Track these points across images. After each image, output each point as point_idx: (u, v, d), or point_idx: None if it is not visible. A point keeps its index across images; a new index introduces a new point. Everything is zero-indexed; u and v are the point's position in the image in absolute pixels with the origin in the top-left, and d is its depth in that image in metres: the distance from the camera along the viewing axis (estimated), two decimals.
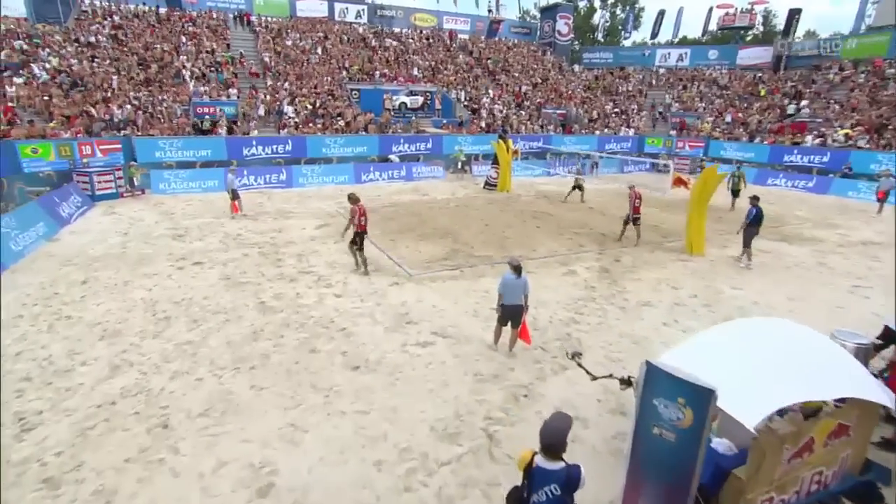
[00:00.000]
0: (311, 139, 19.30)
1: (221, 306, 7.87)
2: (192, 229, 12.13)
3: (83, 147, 15.07)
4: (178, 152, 17.27)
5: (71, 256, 9.84)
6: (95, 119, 16.95)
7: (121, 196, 14.85)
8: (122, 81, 19.29)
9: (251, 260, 10.06)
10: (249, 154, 18.35)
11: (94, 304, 7.82)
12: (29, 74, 17.85)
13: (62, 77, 18.44)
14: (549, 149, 23.98)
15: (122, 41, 21.96)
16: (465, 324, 7.53)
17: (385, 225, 13.06)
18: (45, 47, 19.54)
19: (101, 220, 12.85)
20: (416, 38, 30.70)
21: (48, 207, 11.59)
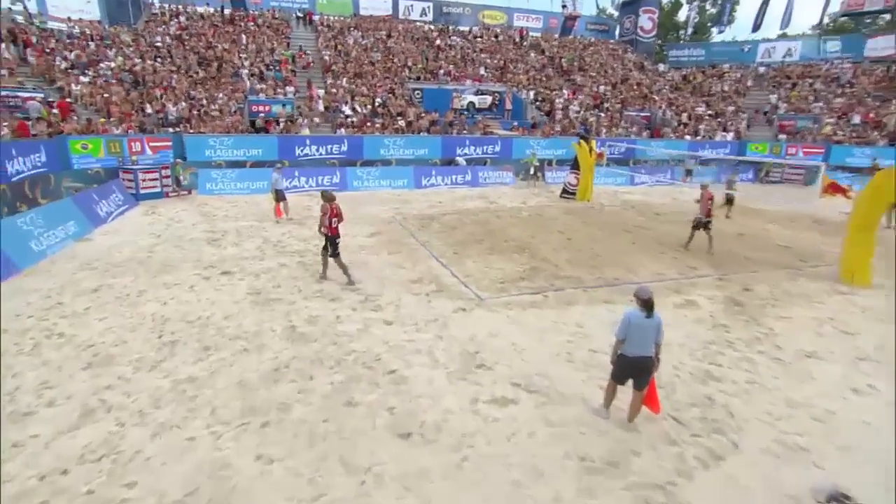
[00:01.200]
0: (368, 139, 18.20)
1: (242, 330, 6.40)
2: (230, 233, 11.06)
3: (133, 144, 14.72)
4: (228, 151, 16.69)
5: (92, 259, 8.94)
6: (150, 116, 16.89)
7: (165, 196, 14.38)
8: (180, 80, 19.42)
9: (288, 271, 8.69)
10: (302, 154, 17.52)
11: (96, 318, 6.61)
12: (94, 74, 18.24)
13: (124, 75, 18.84)
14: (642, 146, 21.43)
15: (185, 41, 22.38)
16: (557, 372, 5.59)
17: (448, 235, 11.38)
18: (112, 48, 20.17)
19: (138, 220, 12.15)
20: (485, 35, 29.29)
21: (84, 205, 11.06)
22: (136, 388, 5.05)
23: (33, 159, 12.08)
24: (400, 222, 12.63)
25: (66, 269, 8.46)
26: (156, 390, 5.02)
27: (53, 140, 13.23)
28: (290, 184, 15.58)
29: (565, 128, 21.64)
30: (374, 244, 10.61)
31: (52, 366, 5.43)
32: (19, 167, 11.54)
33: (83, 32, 20.33)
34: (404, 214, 13.52)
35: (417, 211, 14.09)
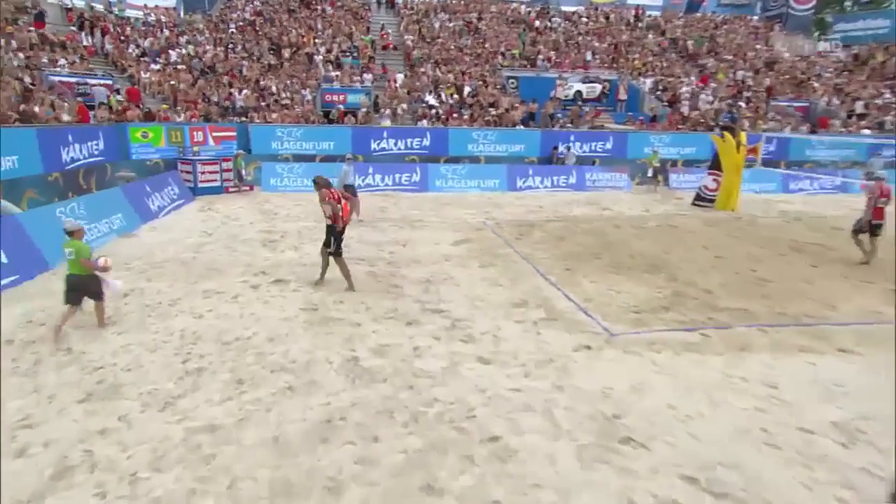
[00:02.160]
0: (454, 132, 17.29)
1: (289, 359, 5.28)
2: (290, 235, 10.34)
3: (195, 133, 14.88)
4: (296, 143, 16.47)
5: (130, 258, 8.48)
6: (215, 105, 17.19)
7: (225, 191, 14.27)
8: (251, 68, 19.89)
9: (355, 283, 7.57)
10: (378, 148, 16.98)
11: (114, 331, 5.81)
12: (164, 61, 19.03)
13: (194, 63, 19.55)
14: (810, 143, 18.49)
15: (257, 27, 23.08)
16: (753, 464, 3.95)
17: (554, 246, 9.85)
18: (184, 35, 21.19)
19: (191, 216, 11.86)
20: (592, 16, 27.54)
21: (134, 197, 10.92)
22: (137, 436, 3.99)
23: (90, 147, 12.22)
24: (493, 229, 11.29)
25: None
26: (162, 442, 3.92)
27: (113, 127, 13.53)
28: (362, 181, 14.95)
29: (695, 121, 19.26)
30: (462, 254, 9.32)
31: (43, 393, 4.55)
32: (75, 154, 11.68)
33: (158, 20, 21.58)
34: (497, 220, 12.26)
35: (513, 216, 12.74)
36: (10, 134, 10.02)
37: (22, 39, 15.76)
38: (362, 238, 10.29)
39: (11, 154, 9.84)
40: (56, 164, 11.04)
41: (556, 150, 17.49)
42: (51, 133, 11.14)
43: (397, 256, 9.07)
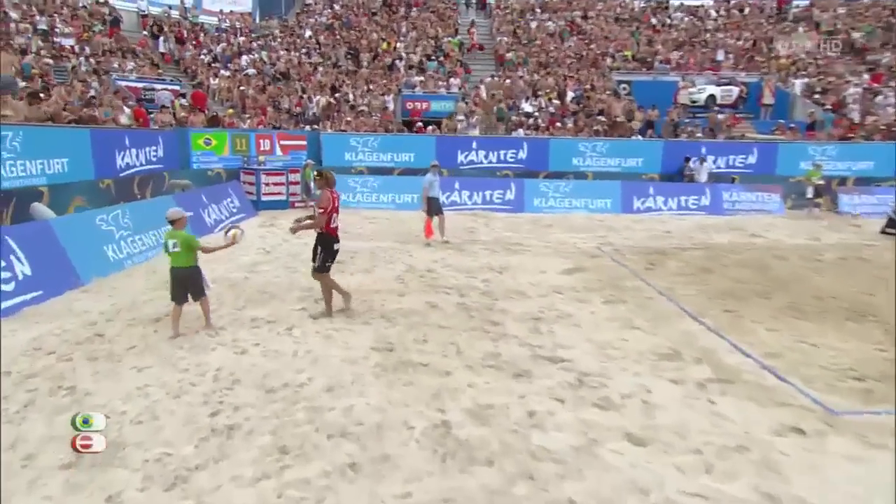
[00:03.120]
0: (557, 143, 16.28)
1: (355, 418, 4.22)
2: (361, 256, 9.57)
3: (261, 141, 14.82)
4: (372, 154, 16.13)
5: None
6: (286, 112, 17.39)
7: (291, 206, 13.94)
8: (326, 73, 20.18)
9: (442, 316, 6.57)
10: (466, 161, 16.27)
11: (134, 366, 4.99)
12: (235, 68, 19.67)
13: (266, 69, 20.14)
14: None
15: (335, 31, 23.61)
16: None
17: (699, 280, 8.35)
18: (258, 41, 22.09)
19: (250, 232, 11.06)
20: (722, 9, 25.68)
21: (188, 207, 10.35)
22: None
23: (148, 153, 12.20)
24: (612, 256, 9.84)
25: (134, 288, 7.39)
26: None
27: (174, 132, 13.55)
28: (446, 198, 14.08)
29: (872, 129, 16.80)
30: (577, 286, 8.00)
31: (20, 451, 3.69)
32: (130, 160, 11.62)
33: (232, 25, 22.66)
34: (615, 245, 10.81)
35: (634, 242, 11.27)
36: (62, 135, 9.98)
37: (94, 45, 16.53)
38: (448, 262, 9.29)
39: (61, 156, 9.74)
40: (109, 169, 10.95)
41: (688, 162, 15.75)
42: (106, 135, 11.11)
43: (494, 286, 7.94)
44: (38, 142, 9.22)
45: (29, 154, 9.00)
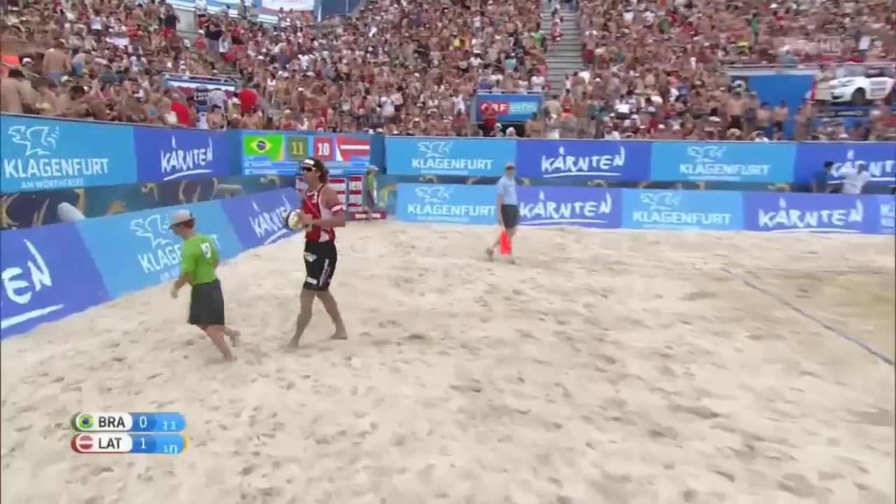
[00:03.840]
0: (661, 148, 15.22)
1: (436, 488, 3.40)
2: (433, 273, 8.91)
3: (320, 144, 14.70)
4: (443, 161, 15.68)
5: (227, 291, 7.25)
6: (348, 114, 17.37)
7: (351, 217, 13.26)
8: (393, 73, 20.12)
9: (538, 349, 5.68)
10: (551, 168, 15.52)
11: (153, 400, 4.36)
12: (294, 68, 19.92)
13: (327, 69, 20.23)
14: None
15: (403, 29, 23.64)
16: None
17: (878, 313, 7.06)
18: (319, 39, 22.44)
19: None
20: None
21: (237, 215, 10.37)
22: None
23: (196, 156, 12.09)
24: (745, 280, 8.61)
25: (168, 304, 6.78)
26: None
27: (225, 134, 13.53)
28: (528, 211, 13.58)
29: None
30: (707, 314, 6.91)
31: None
32: (177, 163, 11.49)
33: (292, 24, 23.07)
34: (746, 267, 9.58)
35: (771, 264, 10.01)
36: (102, 132, 9.82)
37: (147, 44, 16.88)
38: (538, 282, 8.43)
39: (101, 156, 9.53)
40: (153, 172, 10.77)
41: (830, 167, 14.16)
42: (151, 135, 10.99)
43: (599, 312, 6.95)
44: (76, 138, 9.05)
45: (65, 152, 8.81)
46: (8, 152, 7.91)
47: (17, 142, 8.03)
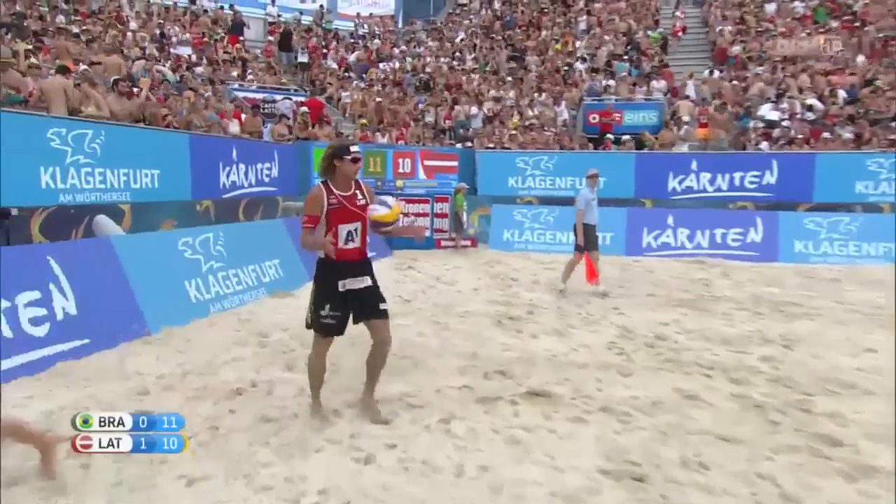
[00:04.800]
0: (827, 161, 13.94)
1: None
2: (543, 311, 8.20)
3: (400, 160, 14.57)
4: (545, 179, 15.07)
5: (271, 330, 7.03)
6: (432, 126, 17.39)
7: (437, 244, 13.64)
8: (484, 80, 20.06)
9: (715, 418, 4.77)
10: (681, 188, 14.54)
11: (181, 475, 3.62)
12: (372, 77, 20.25)
13: (408, 78, 20.39)
14: None
15: (495, 33, 23.74)
16: None
17: None
18: (401, 46, 22.76)
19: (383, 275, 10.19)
20: None
21: None
22: None
23: (260, 171, 11.98)
24: None
25: (215, 342, 6.31)
26: None
27: (293, 146, 13.39)
28: (654, 239, 13.08)
29: None
30: None
31: None
32: (237, 178, 11.33)
33: (371, 31, 23.49)
34: None
35: None
36: (154, 139, 9.61)
37: (213, 53, 17.38)
38: (685, 325, 7.49)
39: (151, 167, 9.24)
40: (210, 188, 10.54)
41: None
42: (210, 145, 10.79)
43: (788, 369, 5.87)
44: (124, 146, 8.82)
45: (111, 161, 8.57)
46: (46, 159, 7.65)
47: (56, 147, 7.77)
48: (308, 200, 4.22)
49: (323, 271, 4.25)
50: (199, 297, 7.23)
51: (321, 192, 4.15)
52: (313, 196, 4.18)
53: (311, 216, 4.16)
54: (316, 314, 4.20)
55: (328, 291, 4.20)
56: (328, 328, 4.22)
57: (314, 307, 4.22)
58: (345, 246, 4.20)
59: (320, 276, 4.27)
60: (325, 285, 4.22)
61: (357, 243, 4.27)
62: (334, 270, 4.19)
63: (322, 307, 4.18)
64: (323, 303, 4.18)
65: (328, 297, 4.19)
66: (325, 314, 4.18)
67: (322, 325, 4.21)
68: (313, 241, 4.17)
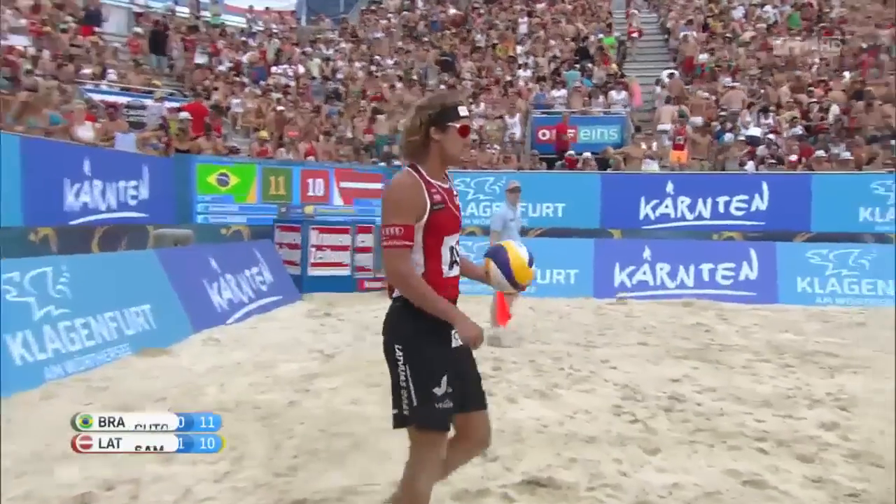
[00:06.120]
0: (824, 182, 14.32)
1: None
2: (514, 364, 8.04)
3: (310, 180, 14.43)
4: (492, 206, 15.01)
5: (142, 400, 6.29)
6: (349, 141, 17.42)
7: (359, 286, 13.58)
8: (409, 89, 20.32)
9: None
10: (656, 215, 14.69)
11: None
12: (270, 83, 20.22)
13: (316, 85, 20.45)
14: None
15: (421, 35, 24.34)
16: None
17: None
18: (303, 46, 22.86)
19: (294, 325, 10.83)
20: None
21: (182, 276, 9.58)
22: None
23: (123, 192, 11.60)
24: None
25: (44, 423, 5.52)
26: None
27: (168, 160, 13.25)
28: (628, 277, 13.41)
29: None
30: None
31: None
32: (90, 199, 10.82)
33: (267, 29, 23.46)
34: None
35: None
36: None
37: (57, 45, 16.80)
38: (701, 382, 7.31)
39: None
40: (51, 211, 9.95)
41: None
42: (51, 152, 10.25)
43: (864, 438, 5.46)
44: None
45: None
46: None
47: None
48: (396, 197, 2.97)
49: (421, 318, 2.93)
50: (27, 357, 6.44)
51: (418, 181, 2.94)
52: (408, 186, 2.93)
53: (407, 226, 2.88)
54: (427, 396, 2.91)
55: (440, 353, 2.96)
56: (444, 416, 2.96)
57: (421, 385, 2.91)
58: (450, 273, 3.04)
59: (421, 330, 2.95)
60: (433, 344, 2.95)
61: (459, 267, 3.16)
62: None
63: (436, 382, 2.92)
64: (437, 374, 2.93)
65: (441, 362, 2.95)
66: (441, 393, 2.91)
67: (440, 412, 2.93)
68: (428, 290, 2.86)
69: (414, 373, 2.83)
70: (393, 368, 2.88)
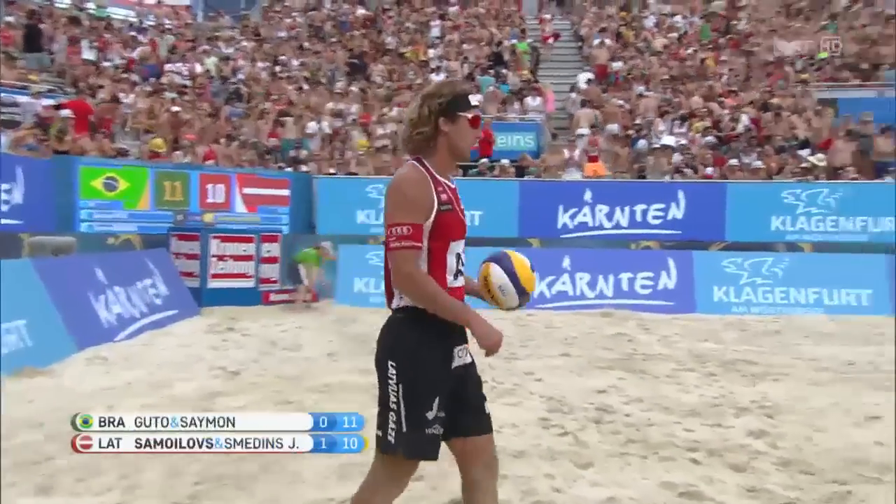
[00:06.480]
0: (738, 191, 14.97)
1: None
2: None
3: (209, 185, 14.31)
4: None
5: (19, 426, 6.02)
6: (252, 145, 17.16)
7: (264, 299, 13.46)
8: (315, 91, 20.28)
9: None
10: (574, 224, 15.01)
11: None
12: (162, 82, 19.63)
13: (215, 85, 20.06)
14: None
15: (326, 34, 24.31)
16: None
17: None
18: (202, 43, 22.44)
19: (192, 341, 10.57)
20: None
21: (63, 289, 9.40)
22: None
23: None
24: None
25: None
26: None
27: (47, 162, 12.87)
28: (549, 288, 13.68)
29: None
30: None
31: None
32: None
33: (159, 24, 23.00)
34: None
35: None
36: None
37: None
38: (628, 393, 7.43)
39: None
40: None
41: None
42: None
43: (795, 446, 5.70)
44: None
45: None
46: None
47: None
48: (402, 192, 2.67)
49: (421, 333, 2.71)
50: None
51: (425, 176, 2.72)
52: (416, 181, 2.70)
53: (416, 224, 2.64)
54: (418, 421, 2.67)
55: (435, 372, 2.69)
56: (434, 443, 2.73)
57: (413, 409, 2.68)
58: (454, 283, 2.81)
59: (421, 346, 2.70)
60: (431, 363, 2.69)
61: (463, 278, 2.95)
62: (443, 331, 2.73)
63: (428, 405, 2.68)
64: (431, 396, 2.68)
65: (436, 383, 2.69)
66: (432, 416, 2.67)
67: (429, 438, 2.69)
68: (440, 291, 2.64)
69: (406, 394, 2.63)
70: (383, 387, 2.67)
